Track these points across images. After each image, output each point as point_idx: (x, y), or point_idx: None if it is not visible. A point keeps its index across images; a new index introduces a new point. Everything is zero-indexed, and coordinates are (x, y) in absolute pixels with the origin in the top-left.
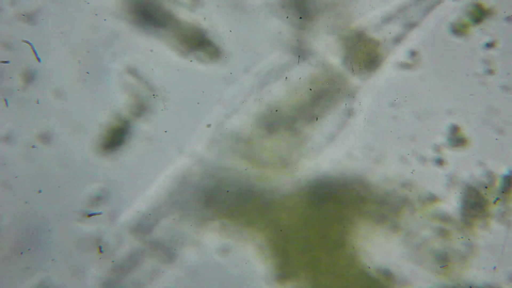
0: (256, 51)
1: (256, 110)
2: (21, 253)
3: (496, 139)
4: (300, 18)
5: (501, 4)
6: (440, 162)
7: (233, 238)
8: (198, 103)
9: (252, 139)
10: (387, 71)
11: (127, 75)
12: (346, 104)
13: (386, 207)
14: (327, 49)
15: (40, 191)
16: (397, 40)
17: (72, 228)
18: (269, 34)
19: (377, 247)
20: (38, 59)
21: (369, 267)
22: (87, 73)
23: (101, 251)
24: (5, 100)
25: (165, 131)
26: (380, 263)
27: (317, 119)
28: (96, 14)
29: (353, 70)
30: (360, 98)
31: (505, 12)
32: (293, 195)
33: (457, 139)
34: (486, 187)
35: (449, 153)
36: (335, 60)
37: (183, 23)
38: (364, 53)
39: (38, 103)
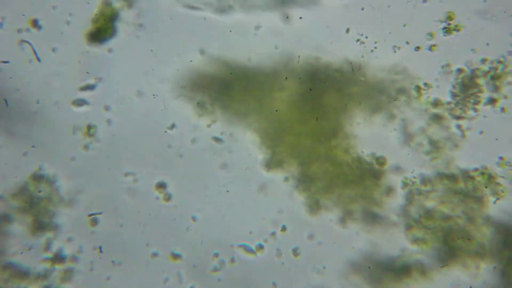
0: None
1: None
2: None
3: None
4: (300, 18)
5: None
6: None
7: (234, 125)
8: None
9: None
10: None
11: None
12: None
13: (382, 95)
14: None
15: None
16: None
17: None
18: None
19: (373, 135)
20: (38, 59)
21: (362, 151)
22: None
23: (101, 251)
24: (5, 100)
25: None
26: (375, 150)
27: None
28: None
29: (352, 70)
30: None
31: (505, 12)
32: (291, 84)
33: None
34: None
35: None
36: None
37: None
38: None
39: (38, 103)
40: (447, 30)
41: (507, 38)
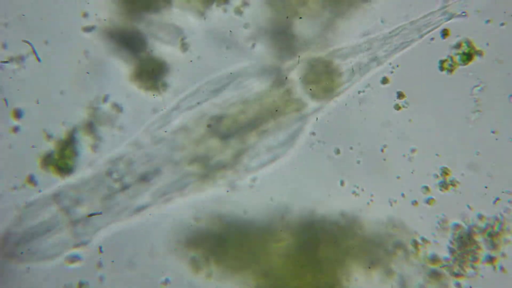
0: None
1: None
2: None
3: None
4: (300, 18)
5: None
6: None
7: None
8: None
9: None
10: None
11: None
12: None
13: (379, 250)
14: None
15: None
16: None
17: None
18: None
19: None
20: (38, 59)
21: None
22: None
23: (101, 251)
24: (5, 100)
25: None
26: None
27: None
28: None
29: (353, 71)
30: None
31: (505, 12)
32: (286, 239)
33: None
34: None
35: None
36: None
37: None
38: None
39: (38, 103)
40: (442, 185)
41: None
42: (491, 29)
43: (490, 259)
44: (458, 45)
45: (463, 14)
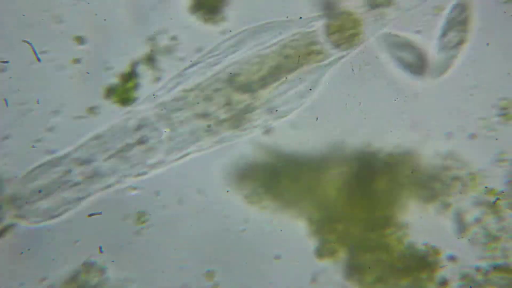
0: None
1: None
2: None
3: None
4: (300, 18)
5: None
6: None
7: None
8: None
9: None
10: None
11: None
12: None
13: (436, 183)
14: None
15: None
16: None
17: None
18: None
19: (427, 224)
20: (38, 59)
21: (415, 243)
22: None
23: (101, 251)
24: (5, 100)
25: None
26: (429, 239)
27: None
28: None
29: (353, 70)
30: None
31: (505, 12)
32: (342, 174)
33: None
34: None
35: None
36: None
37: None
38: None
39: (38, 103)
40: (503, 117)
41: None
42: None
43: None
44: None
45: None
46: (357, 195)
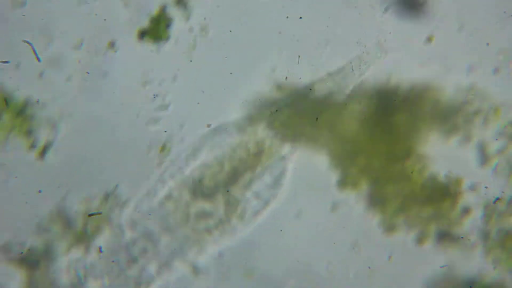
0: None
1: None
2: None
3: None
4: (300, 18)
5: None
6: None
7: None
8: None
9: None
10: None
11: None
12: None
13: (459, 116)
14: None
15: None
16: None
17: None
18: None
19: (448, 156)
20: (38, 59)
21: (437, 174)
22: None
23: (101, 251)
24: (5, 100)
25: None
26: (451, 169)
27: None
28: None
29: (353, 70)
30: None
31: (505, 12)
32: (362, 106)
33: None
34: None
35: None
36: None
37: None
38: None
39: (38, 102)
40: None
41: None
42: None
43: None
44: None
45: None
46: (378, 129)
